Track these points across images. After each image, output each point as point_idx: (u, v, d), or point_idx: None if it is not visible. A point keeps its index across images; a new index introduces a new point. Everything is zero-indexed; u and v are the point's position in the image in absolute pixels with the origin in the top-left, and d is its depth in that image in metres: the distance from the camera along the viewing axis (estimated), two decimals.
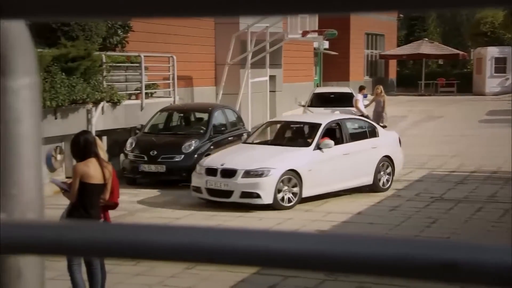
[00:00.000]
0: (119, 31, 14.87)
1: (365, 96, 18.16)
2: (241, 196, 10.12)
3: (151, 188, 11.94)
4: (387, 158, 11.81)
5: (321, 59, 31.15)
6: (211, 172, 10.38)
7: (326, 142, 10.91)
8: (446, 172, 13.73)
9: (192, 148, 12.38)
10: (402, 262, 0.61)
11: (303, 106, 18.90)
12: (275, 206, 10.20)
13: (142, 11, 0.60)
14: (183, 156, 12.22)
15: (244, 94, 18.73)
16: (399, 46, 39.68)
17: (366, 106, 17.76)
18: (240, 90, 18.75)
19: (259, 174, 10.18)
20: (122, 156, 12.54)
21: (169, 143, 12.54)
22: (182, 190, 11.50)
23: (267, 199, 10.13)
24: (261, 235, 0.64)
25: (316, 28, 20.30)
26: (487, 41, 39.32)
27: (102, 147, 6.16)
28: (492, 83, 36.17)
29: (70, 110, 12.18)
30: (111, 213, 6.20)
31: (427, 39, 38.60)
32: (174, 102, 15.38)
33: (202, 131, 13.07)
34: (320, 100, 18.53)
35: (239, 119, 14.32)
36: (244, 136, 12.43)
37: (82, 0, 0.60)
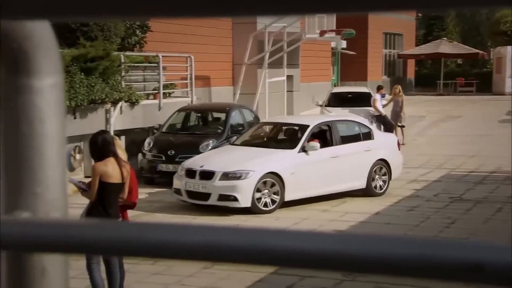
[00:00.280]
0: (138, 31, 14.95)
1: (383, 96, 18.05)
2: (218, 199, 9.85)
3: (169, 187, 11.98)
4: (382, 161, 11.37)
5: (338, 58, 31.05)
6: (191, 174, 10.15)
7: (312, 144, 10.55)
8: (465, 172, 13.62)
9: (210, 147, 12.40)
10: (424, 262, 0.60)
11: (321, 106, 18.84)
12: (253, 210, 9.89)
13: (158, 11, 0.60)
14: None
15: (262, 94, 18.73)
16: (417, 45, 39.42)
17: (384, 106, 17.66)
18: (258, 90, 18.75)
19: (237, 177, 9.87)
20: (140, 156, 12.61)
21: (186, 143, 12.58)
22: None
23: (244, 202, 9.80)
24: (279, 235, 0.63)
25: (334, 28, 20.22)
26: (507, 40, 38.87)
27: (122, 147, 6.19)
28: None
29: (89, 110, 12.27)
30: (129, 212, 6.24)
31: (446, 39, 38.28)
32: (192, 102, 15.42)
33: (219, 131, 13.09)
34: (338, 100, 18.45)
35: (257, 119, 14.32)
36: (233, 138, 12.07)
37: (83, 0, 0.60)
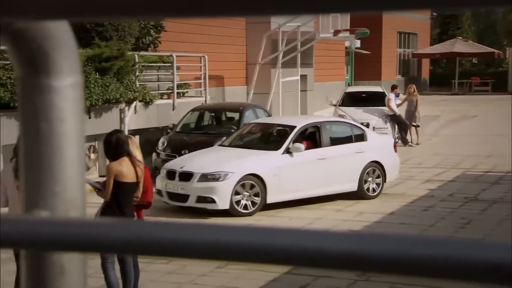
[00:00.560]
0: (152, 31, 15.01)
1: (397, 95, 17.97)
2: (197, 201, 9.70)
3: None
4: (375, 163, 11.02)
5: (352, 58, 30.96)
6: (171, 175, 10.03)
7: (296, 145, 10.25)
8: (480, 172, 13.53)
9: None
10: (440, 262, 0.60)
11: (334, 105, 18.79)
12: (232, 212, 9.71)
13: (172, 11, 0.60)
14: None
15: (275, 93, 18.72)
16: (432, 44, 39.18)
17: (399, 106, 17.59)
18: (271, 90, 18.74)
19: (215, 178, 9.67)
20: (154, 155, 12.65)
21: (200, 142, 12.60)
22: None
23: (222, 204, 9.61)
24: (293, 234, 0.63)
25: (348, 27, 20.16)
26: None
27: (138, 146, 6.20)
28: None
29: (103, 109, 12.33)
30: (144, 212, 6.27)
31: (461, 38, 38.02)
32: (206, 101, 15.45)
33: (233, 130, 13.10)
34: (352, 100, 18.38)
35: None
36: (223, 138, 11.87)
37: (100, 0, 0.60)
